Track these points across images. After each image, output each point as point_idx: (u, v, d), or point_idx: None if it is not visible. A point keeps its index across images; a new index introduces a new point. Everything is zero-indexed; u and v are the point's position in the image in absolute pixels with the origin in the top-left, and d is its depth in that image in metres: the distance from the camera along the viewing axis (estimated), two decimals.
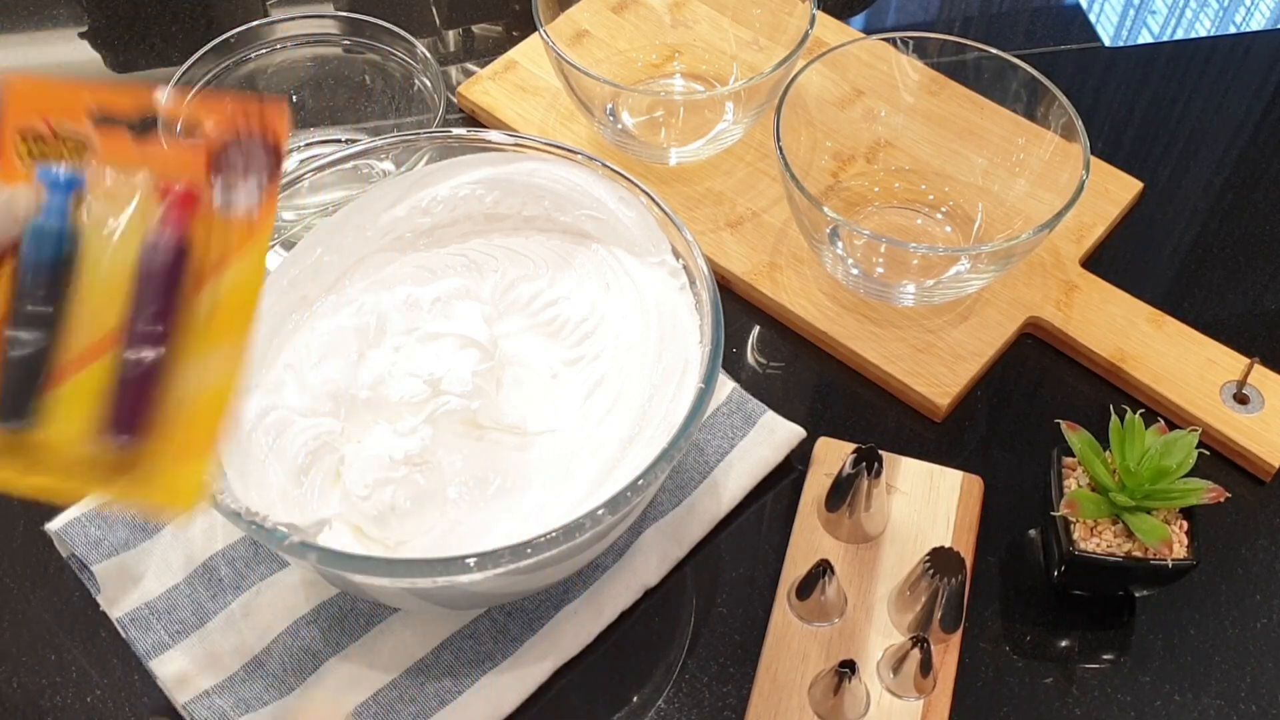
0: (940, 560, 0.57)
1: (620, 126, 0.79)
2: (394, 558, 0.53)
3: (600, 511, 0.50)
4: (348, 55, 0.80)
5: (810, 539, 0.63)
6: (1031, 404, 0.70)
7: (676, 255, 0.62)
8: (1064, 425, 0.60)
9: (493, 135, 0.64)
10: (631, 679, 0.60)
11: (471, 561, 0.49)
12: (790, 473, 0.67)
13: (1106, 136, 0.83)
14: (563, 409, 0.61)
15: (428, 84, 0.77)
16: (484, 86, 0.83)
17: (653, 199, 0.61)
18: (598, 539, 0.54)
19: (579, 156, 0.64)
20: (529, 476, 0.58)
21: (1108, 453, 0.59)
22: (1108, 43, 0.90)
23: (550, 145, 0.64)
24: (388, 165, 0.69)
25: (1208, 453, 0.61)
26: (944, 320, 0.71)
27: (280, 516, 0.52)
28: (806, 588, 0.59)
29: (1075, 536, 0.58)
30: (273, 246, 0.63)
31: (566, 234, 0.66)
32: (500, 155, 0.65)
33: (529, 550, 0.49)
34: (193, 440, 0.43)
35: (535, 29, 0.75)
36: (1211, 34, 0.92)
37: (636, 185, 0.62)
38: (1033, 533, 0.65)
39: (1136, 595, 0.62)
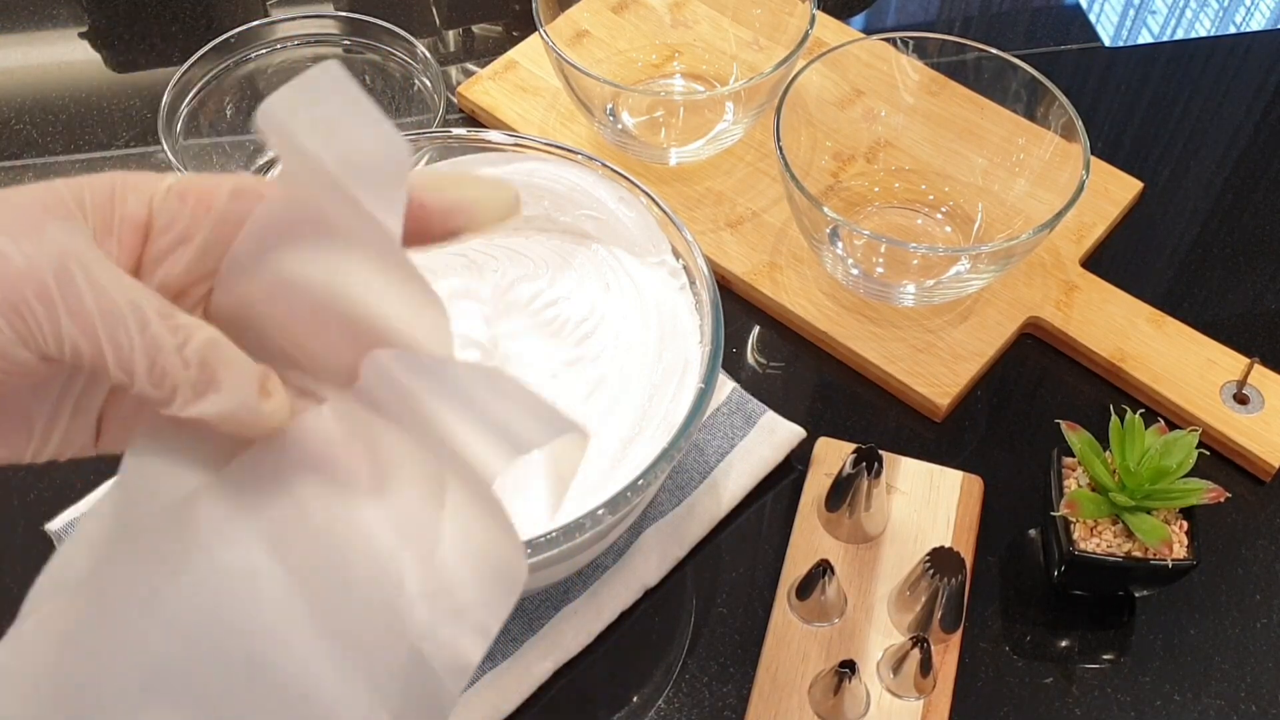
0: (940, 560, 0.57)
1: (620, 126, 0.79)
2: None
3: (600, 511, 0.50)
4: (348, 55, 0.80)
5: (810, 539, 0.63)
6: (1031, 404, 0.70)
7: (676, 255, 0.62)
8: (1064, 425, 0.60)
9: (493, 135, 0.64)
10: (631, 679, 0.60)
11: None
12: (790, 473, 0.67)
13: (1106, 136, 0.83)
14: (563, 409, 0.61)
15: (428, 84, 0.77)
16: (484, 86, 0.83)
17: (653, 199, 0.61)
18: (598, 539, 0.54)
19: (579, 156, 0.64)
20: (529, 476, 0.58)
21: (1108, 453, 0.59)
22: (1108, 43, 0.90)
23: (550, 145, 0.64)
24: None
25: (1208, 453, 0.61)
26: (944, 320, 0.71)
27: None
28: (806, 588, 0.59)
29: (1075, 536, 0.58)
30: None
31: (566, 234, 0.66)
32: (500, 155, 0.65)
33: (529, 550, 0.49)
34: None
35: (535, 29, 0.75)
36: (1211, 34, 0.92)
37: (636, 185, 0.62)
38: (1033, 533, 0.65)
39: (1136, 595, 0.62)
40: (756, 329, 0.73)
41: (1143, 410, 0.59)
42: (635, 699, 0.60)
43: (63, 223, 0.29)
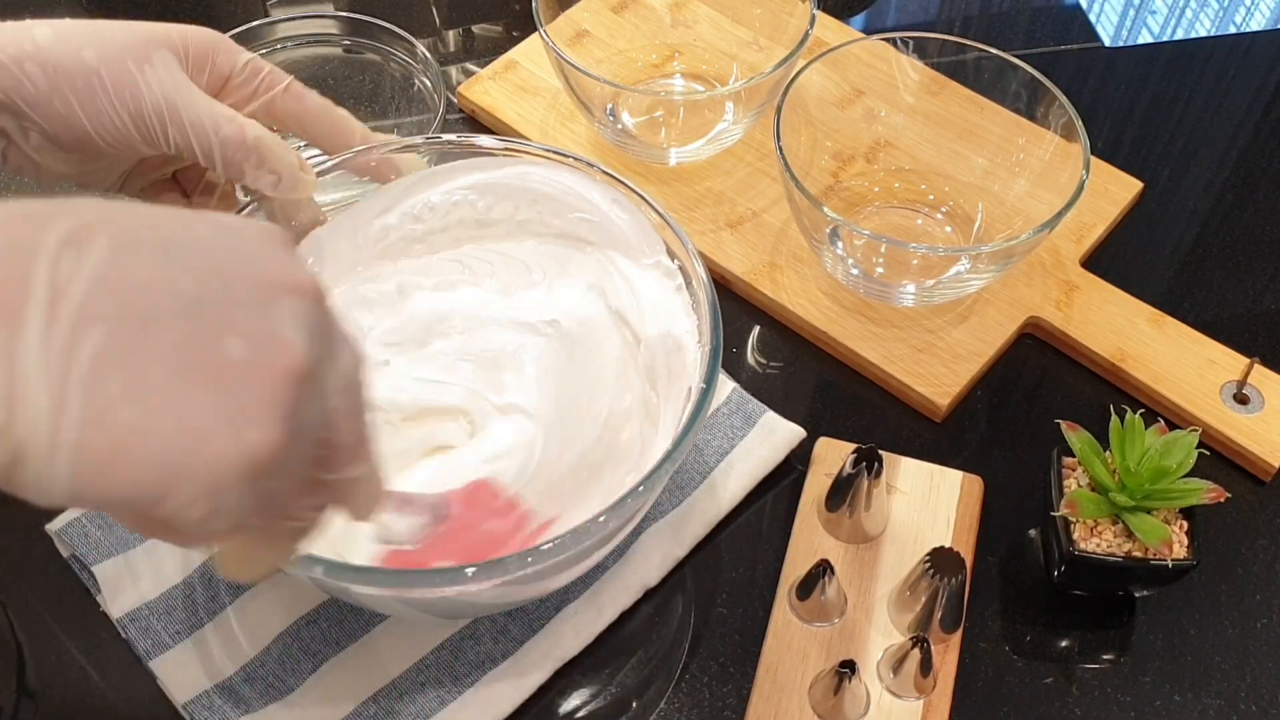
0: (940, 560, 0.57)
1: (620, 126, 0.79)
2: (393, 569, 0.53)
3: (603, 518, 0.50)
4: (348, 55, 0.80)
5: (810, 539, 0.63)
6: (1031, 404, 0.70)
7: (672, 256, 0.62)
8: (1064, 425, 0.60)
9: (483, 140, 0.64)
10: (631, 679, 0.60)
11: (470, 572, 0.48)
12: (790, 473, 0.67)
13: (1106, 136, 0.83)
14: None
15: (428, 84, 0.77)
16: (484, 86, 0.83)
17: (646, 201, 0.61)
18: (600, 545, 0.54)
19: (570, 160, 0.63)
20: None
21: (1108, 453, 0.59)
22: (1108, 43, 0.90)
23: (541, 149, 0.63)
24: None
25: (1208, 453, 0.60)
26: (944, 320, 0.71)
27: None
28: (806, 588, 0.59)
29: (1075, 536, 0.58)
30: None
31: (561, 238, 0.66)
32: (491, 160, 0.64)
33: (530, 559, 0.49)
34: None
35: (535, 29, 0.75)
36: (1211, 34, 0.92)
37: (630, 188, 0.62)
38: (1033, 533, 0.65)
39: (1136, 595, 0.62)
40: (756, 329, 0.73)
41: (1143, 410, 0.59)
42: (635, 699, 0.60)
43: (165, 54, 0.51)
